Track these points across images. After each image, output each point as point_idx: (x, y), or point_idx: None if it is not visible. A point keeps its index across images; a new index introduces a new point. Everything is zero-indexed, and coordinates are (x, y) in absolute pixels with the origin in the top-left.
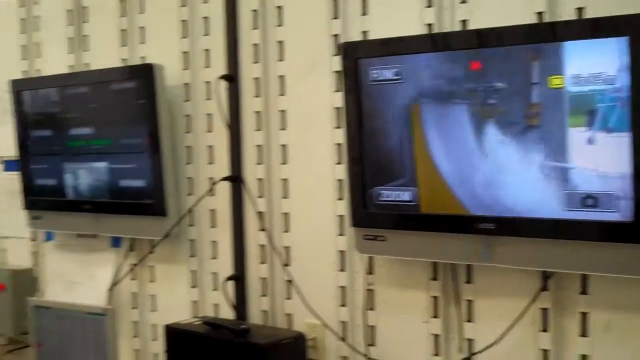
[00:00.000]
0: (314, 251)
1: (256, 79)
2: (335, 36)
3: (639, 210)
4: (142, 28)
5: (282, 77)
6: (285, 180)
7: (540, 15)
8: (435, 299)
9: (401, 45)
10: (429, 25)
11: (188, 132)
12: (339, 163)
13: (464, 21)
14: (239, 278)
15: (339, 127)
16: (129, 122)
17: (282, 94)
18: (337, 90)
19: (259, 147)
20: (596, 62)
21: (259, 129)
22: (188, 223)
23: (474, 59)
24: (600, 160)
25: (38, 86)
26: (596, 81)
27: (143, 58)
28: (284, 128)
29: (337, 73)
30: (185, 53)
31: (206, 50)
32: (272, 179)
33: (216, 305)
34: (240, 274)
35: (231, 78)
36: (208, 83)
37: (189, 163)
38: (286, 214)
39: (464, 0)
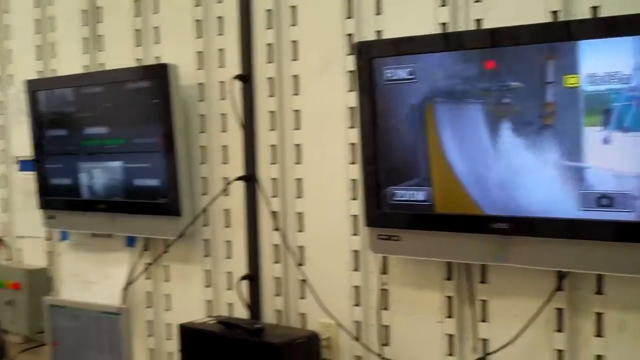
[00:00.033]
0: (328, 251)
1: (270, 79)
2: (349, 36)
3: None
4: (157, 28)
5: (296, 77)
6: (299, 180)
7: (555, 14)
8: (449, 298)
9: (415, 44)
10: (443, 25)
11: (202, 132)
12: (353, 163)
13: (479, 20)
14: (253, 278)
15: (352, 127)
16: (143, 122)
17: (296, 94)
18: (351, 90)
19: (273, 147)
20: (612, 61)
21: (273, 129)
22: (202, 223)
23: (488, 58)
24: (615, 159)
25: (53, 86)
26: (612, 80)
27: (157, 58)
28: (298, 128)
29: (351, 73)
30: (199, 53)
31: (220, 50)
32: (286, 178)
33: (230, 305)
34: (254, 274)
35: (245, 78)
36: (222, 83)
37: (204, 163)
38: (300, 214)
39: None
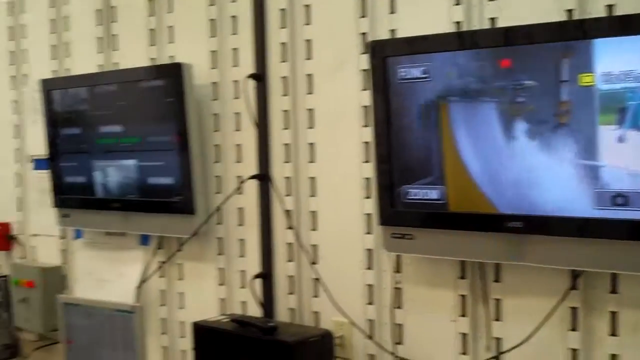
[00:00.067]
0: (342, 249)
1: (284, 78)
2: (363, 34)
3: None
4: (171, 27)
5: (310, 76)
6: (312, 179)
7: (570, 12)
8: (463, 297)
9: (429, 43)
10: (457, 23)
11: (216, 131)
12: (367, 161)
13: (493, 19)
14: (266, 276)
15: (366, 126)
16: (158, 121)
17: (310, 93)
18: (365, 89)
19: (287, 146)
20: (627, 60)
21: (286, 128)
22: (216, 221)
23: (503, 57)
24: (630, 158)
25: (68, 85)
26: (627, 79)
27: (172, 57)
28: (311, 126)
29: (365, 71)
30: (213, 52)
31: (234, 49)
32: (300, 177)
33: (244, 303)
34: (267, 272)
35: (259, 77)
36: (236, 82)
37: (217, 161)
38: (313, 212)
39: None
